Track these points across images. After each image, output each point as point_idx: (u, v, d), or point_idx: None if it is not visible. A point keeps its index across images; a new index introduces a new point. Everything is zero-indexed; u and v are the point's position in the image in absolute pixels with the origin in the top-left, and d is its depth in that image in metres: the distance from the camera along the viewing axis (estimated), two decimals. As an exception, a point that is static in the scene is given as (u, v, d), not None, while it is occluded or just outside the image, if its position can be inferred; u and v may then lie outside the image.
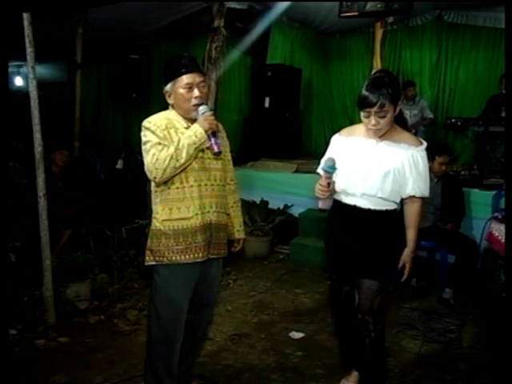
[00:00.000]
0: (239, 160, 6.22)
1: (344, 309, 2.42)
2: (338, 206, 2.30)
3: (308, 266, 4.59)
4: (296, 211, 5.12)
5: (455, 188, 4.12)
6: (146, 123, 2.19)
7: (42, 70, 7.40)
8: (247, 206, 5.01)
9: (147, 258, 2.26)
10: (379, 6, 4.18)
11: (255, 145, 6.58)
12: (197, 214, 2.20)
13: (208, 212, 2.25)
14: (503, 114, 5.33)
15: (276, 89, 6.65)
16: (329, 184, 2.16)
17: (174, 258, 2.20)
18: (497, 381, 2.73)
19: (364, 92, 2.09)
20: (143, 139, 2.18)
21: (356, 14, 4.65)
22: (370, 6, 4.24)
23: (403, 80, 7.27)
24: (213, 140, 2.19)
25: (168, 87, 2.22)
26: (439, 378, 2.76)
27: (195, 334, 2.47)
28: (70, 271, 3.43)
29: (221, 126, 2.45)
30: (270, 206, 5.10)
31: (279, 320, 3.49)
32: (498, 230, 3.10)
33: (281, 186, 5.23)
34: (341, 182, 2.25)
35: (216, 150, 2.20)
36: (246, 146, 6.80)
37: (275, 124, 6.62)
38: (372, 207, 2.21)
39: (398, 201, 2.23)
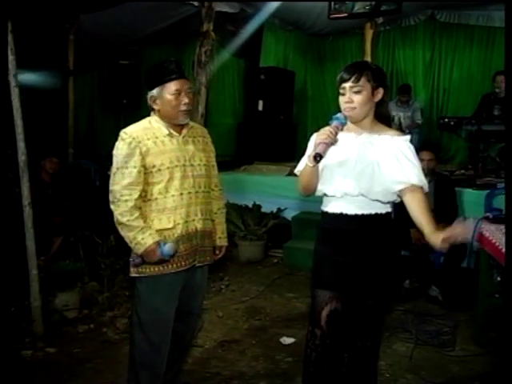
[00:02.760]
0: (233, 164, 6.21)
1: (327, 328, 2.09)
2: (326, 216, 2.11)
3: (302, 270, 4.53)
4: (289, 215, 5.09)
5: (447, 188, 4.09)
6: (122, 134, 2.18)
7: (36, 78, 7.39)
8: (240, 210, 4.99)
9: (131, 269, 2.26)
10: (367, 7, 4.16)
11: (249, 148, 6.56)
12: (178, 224, 2.19)
13: (193, 220, 2.24)
14: (496, 113, 5.29)
15: (269, 92, 6.63)
16: (336, 133, 1.95)
17: (156, 269, 2.19)
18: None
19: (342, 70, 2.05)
20: (115, 151, 2.18)
21: (345, 15, 4.65)
22: (357, 7, 4.23)
23: (397, 80, 7.28)
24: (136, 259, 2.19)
25: (155, 92, 2.19)
26: (431, 382, 2.72)
27: (181, 342, 2.44)
28: (59, 280, 3.40)
29: (206, 131, 2.43)
30: (263, 209, 5.06)
31: (271, 325, 3.45)
32: (489, 231, 3.05)
33: (274, 190, 5.20)
34: (322, 183, 2.06)
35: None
36: (239, 150, 6.78)
37: (269, 127, 6.60)
38: (359, 212, 2.00)
39: (386, 200, 2.01)
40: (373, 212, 2.02)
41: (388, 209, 2.06)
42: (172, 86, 2.16)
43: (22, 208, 3.09)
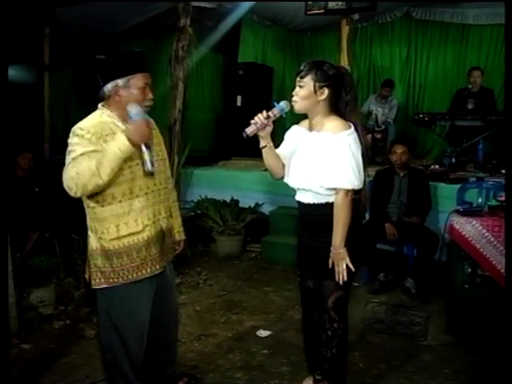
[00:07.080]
0: (211, 159, 6.22)
1: (304, 304, 2.43)
2: (297, 204, 2.31)
3: (279, 264, 4.59)
4: (267, 209, 5.12)
5: (421, 182, 4.17)
6: (77, 130, 1.96)
7: (11, 72, 7.26)
8: (218, 206, 5.01)
9: (97, 280, 2.06)
10: (340, 4, 4.21)
11: (227, 144, 6.54)
12: (146, 226, 2.07)
13: (158, 220, 2.15)
14: (470, 107, 5.41)
15: (248, 87, 6.65)
16: (269, 117, 2.15)
17: (130, 276, 2.06)
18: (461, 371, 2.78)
19: None
20: (70, 148, 1.95)
21: (321, 11, 4.69)
22: (331, 4, 4.27)
23: (374, 76, 7.38)
24: (146, 155, 2.02)
25: (120, 82, 2.01)
26: (402, 371, 2.78)
27: (167, 338, 2.38)
28: (34, 276, 3.38)
29: (152, 121, 2.22)
30: (241, 204, 5.07)
31: (247, 319, 3.48)
32: (459, 223, 3.13)
33: (251, 185, 5.20)
34: (286, 174, 2.30)
35: (149, 168, 2.03)
36: (218, 145, 6.79)
37: (248, 122, 6.54)
38: (311, 201, 2.18)
39: (329, 193, 2.13)
40: (323, 201, 2.16)
41: None
42: (141, 79, 2.04)
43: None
